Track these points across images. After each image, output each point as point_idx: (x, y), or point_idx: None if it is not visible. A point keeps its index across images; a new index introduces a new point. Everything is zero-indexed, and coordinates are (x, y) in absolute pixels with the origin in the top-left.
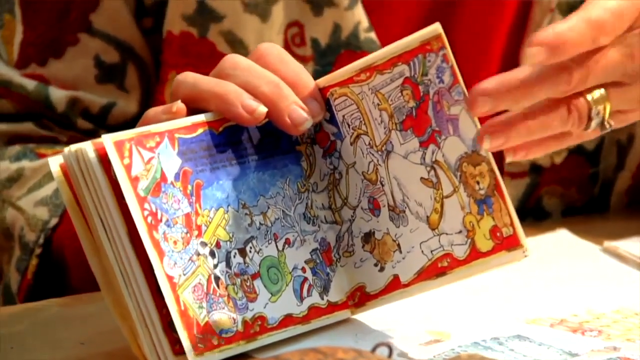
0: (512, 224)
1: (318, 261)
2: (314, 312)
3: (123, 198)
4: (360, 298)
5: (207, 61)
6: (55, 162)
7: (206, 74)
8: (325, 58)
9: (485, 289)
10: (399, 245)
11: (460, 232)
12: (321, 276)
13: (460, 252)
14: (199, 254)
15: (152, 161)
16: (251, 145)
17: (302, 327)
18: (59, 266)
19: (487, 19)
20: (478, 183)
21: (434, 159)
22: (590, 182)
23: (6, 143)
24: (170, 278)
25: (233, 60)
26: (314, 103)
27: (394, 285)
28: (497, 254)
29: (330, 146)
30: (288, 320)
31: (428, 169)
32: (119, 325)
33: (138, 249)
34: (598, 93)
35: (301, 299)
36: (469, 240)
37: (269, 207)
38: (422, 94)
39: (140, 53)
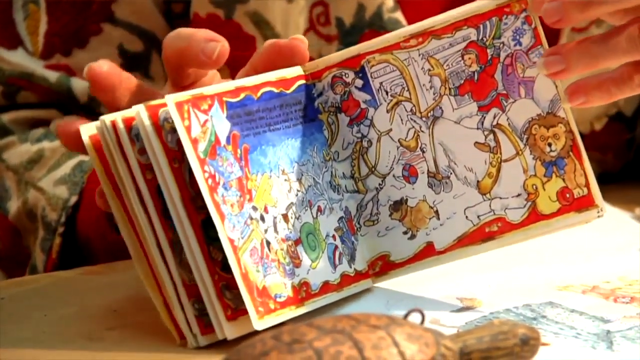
0: (587, 185)
1: (345, 229)
2: (345, 279)
3: (175, 163)
4: (382, 267)
5: (234, 42)
6: (86, 132)
7: (233, 55)
8: (349, 37)
9: (517, 256)
10: (436, 211)
11: (518, 195)
12: (348, 244)
13: (515, 215)
14: (251, 218)
15: (207, 123)
16: (283, 112)
17: (337, 295)
18: (84, 246)
19: None
20: (550, 145)
21: (495, 123)
22: (626, 148)
23: (30, 127)
24: (231, 241)
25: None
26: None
27: (426, 252)
28: (564, 215)
29: (359, 114)
30: (326, 287)
31: (486, 133)
32: (150, 295)
33: (190, 214)
34: None
35: (334, 266)
36: (529, 204)
37: (302, 174)
38: (489, 57)
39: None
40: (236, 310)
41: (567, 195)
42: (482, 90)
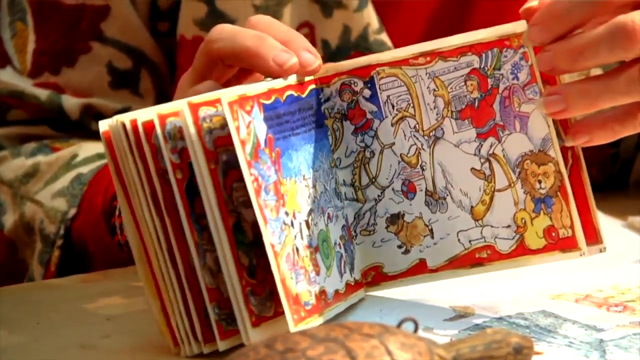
0: (572, 226)
1: (346, 238)
2: (348, 288)
3: (212, 164)
4: (375, 277)
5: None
6: (102, 127)
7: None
8: (335, 59)
9: None
10: (431, 230)
11: (508, 226)
12: (349, 253)
13: (504, 246)
14: (285, 224)
15: (250, 125)
16: (301, 117)
17: (344, 304)
18: (81, 256)
19: (500, 19)
20: (539, 182)
21: (491, 152)
22: (610, 162)
23: (21, 142)
24: (272, 246)
25: (219, 28)
26: (307, 54)
27: (419, 268)
28: (548, 253)
29: (364, 124)
30: (337, 295)
31: (482, 160)
32: (149, 304)
33: (224, 217)
34: None
35: (341, 274)
36: (518, 236)
37: (316, 180)
38: (489, 86)
39: (153, 58)
40: (259, 316)
41: (553, 234)
42: (481, 118)
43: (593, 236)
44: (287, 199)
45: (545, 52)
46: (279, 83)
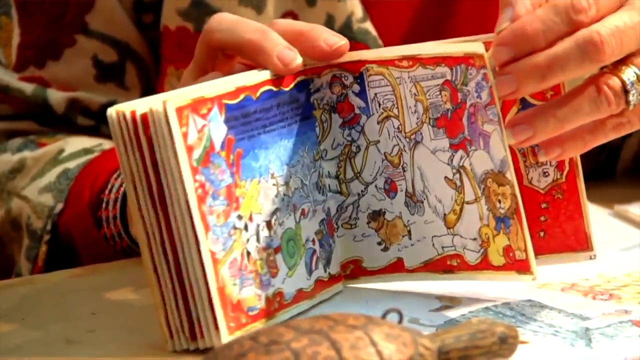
0: (525, 250)
1: (324, 232)
2: (318, 285)
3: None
4: (353, 271)
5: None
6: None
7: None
8: None
9: None
10: (409, 231)
11: (475, 239)
12: (326, 248)
13: (471, 257)
14: (235, 228)
15: (204, 129)
16: (279, 112)
17: (310, 302)
18: (69, 250)
19: (486, 10)
20: (500, 202)
21: (461, 164)
22: (597, 151)
23: (7, 138)
24: (212, 253)
25: (218, 17)
26: (332, 37)
27: (397, 267)
28: (507, 272)
29: (352, 118)
30: (300, 295)
31: (454, 171)
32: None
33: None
34: (628, 68)
35: (310, 272)
36: (482, 250)
37: (291, 177)
38: (459, 100)
39: (138, 50)
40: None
41: (511, 254)
42: (453, 130)
43: (584, 243)
44: (243, 202)
45: (506, 74)
46: (251, 80)
